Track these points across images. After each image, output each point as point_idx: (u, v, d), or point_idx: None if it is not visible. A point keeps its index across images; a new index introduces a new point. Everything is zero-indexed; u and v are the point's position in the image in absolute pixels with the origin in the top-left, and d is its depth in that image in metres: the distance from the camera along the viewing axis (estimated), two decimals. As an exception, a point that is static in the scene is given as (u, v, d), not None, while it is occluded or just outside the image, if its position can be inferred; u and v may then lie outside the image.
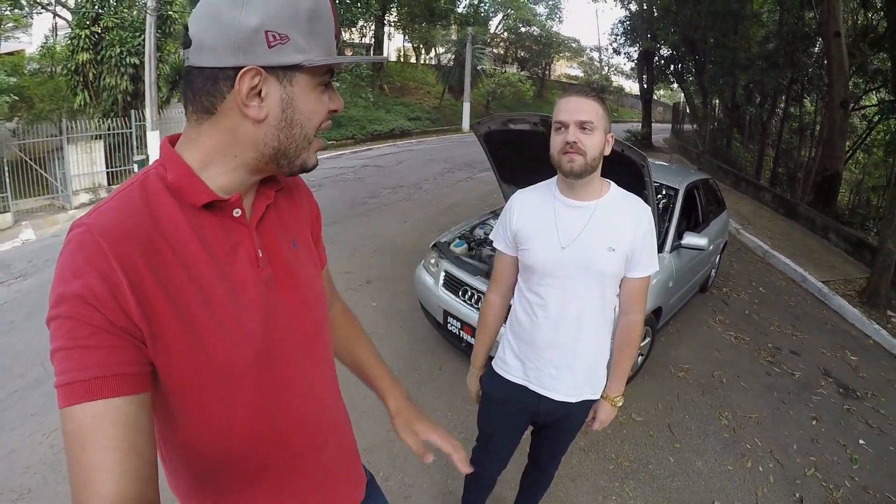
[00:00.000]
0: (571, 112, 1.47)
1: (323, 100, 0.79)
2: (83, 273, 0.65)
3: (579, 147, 1.46)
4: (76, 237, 0.67)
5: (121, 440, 0.63)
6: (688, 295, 4.67)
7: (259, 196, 0.86)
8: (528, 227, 1.63)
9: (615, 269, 1.57)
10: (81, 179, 10.41)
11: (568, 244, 1.55)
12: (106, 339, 0.65)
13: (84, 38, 11.28)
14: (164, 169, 0.76)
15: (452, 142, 17.22)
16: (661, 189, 4.35)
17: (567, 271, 1.57)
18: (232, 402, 0.79)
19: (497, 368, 1.80)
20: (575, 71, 37.97)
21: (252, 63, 0.70)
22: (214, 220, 0.78)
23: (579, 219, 1.56)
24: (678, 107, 23.02)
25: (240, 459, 0.84)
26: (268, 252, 0.84)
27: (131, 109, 11.40)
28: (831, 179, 10.01)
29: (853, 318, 5.76)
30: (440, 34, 23.11)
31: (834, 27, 9.33)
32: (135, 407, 0.66)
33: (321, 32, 0.75)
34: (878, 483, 3.15)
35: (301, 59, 0.73)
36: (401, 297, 4.67)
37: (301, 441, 0.91)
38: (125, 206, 0.71)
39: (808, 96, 13.63)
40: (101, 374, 0.64)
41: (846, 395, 4.12)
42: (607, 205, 1.57)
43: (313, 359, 0.93)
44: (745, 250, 7.82)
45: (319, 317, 0.96)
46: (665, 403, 3.61)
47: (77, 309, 0.64)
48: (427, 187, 9.55)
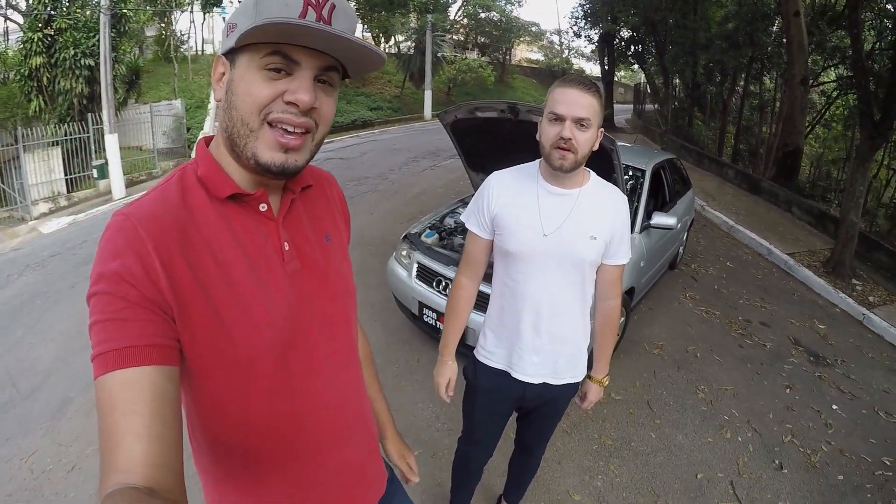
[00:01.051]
0: (570, 106, 1.42)
1: (266, 84, 0.74)
2: (121, 254, 0.69)
3: (573, 145, 1.43)
4: (116, 223, 0.72)
5: (148, 405, 0.65)
6: (658, 273, 4.74)
7: (285, 192, 0.89)
8: (510, 211, 1.59)
9: (595, 258, 1.57)
10: (40, 188, 10.03)
11: (551, 232, 1.54)
12: (140, 313, 0.69)
13: (37, 41, 10.93)
14: (196, 165, 0.82)
15: (415, 130, 17.11)
16: (628, 170, 4.39)
17: (548, 258, 1.56)
18: (251, 386, 0.82)
19: (480, 357, 1.79)
20: (536, 55, 38.02)
21: (220, 52, 0.79)
22: (243, 213, 0.82)
23: (562, 207, 1.55)
24: (639, 87, 23.29)
25: (258, 445, 0.86)
26: (294, 245, 0.87)
27: (88, 113, 11.04)
28: (792, 154, 10.24)
29: (819, 288, 5.93)
30: (399, 22, 22.87)
31: (794, 6, 9.51)
32: (164, 377, 0.68)
33: (264, 12, 0.72)
34: (853, 446, 3.25)
35: (235, 39, 0.73)
36: (373, 290, 4.63)
37: (323, 432, 0.93)
38: (162, 197, 0.77)
39: (768, 74, 13.87)
40: (133, 343, 0.67)
41: (817, 362, 4.24)
42: (589, 193, 1.57)
43: (338, 352, 0.95)
44: (710, 226, 7.97)
45: (347, 310, 0.98)
46: (642, 381, 3.66)
47: (114, 285, 0.68)
48: (392, 178, 9.47)
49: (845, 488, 2.89)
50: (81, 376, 3.64)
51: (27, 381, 3.67)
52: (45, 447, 2.99)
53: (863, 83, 6.41)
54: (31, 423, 3.22)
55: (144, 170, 12.25)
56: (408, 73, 22.41)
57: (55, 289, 5.34)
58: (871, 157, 6.54)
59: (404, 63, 22.43)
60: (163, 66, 19.68)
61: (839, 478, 2.96)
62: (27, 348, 4.14)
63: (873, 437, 3.38)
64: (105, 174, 10.51)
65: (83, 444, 2.98)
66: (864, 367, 4.29)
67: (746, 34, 11.79)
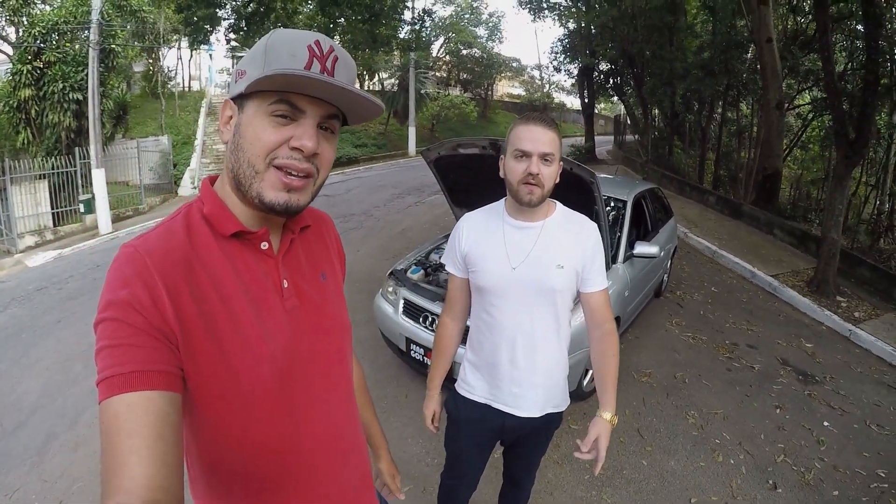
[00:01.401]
0: (535, 143, 1.49)
1: (274, 128, 0.79)
2: (130, 283, 0.73)
3: (540, 179, 1.49)
4: (125, 254, 0.76)
5: (151, 428, 0.67)
6: (644, 301, 4.79)
7: (285, 231, 0.94)
8: (478, 249, 1.65)
9: (565, 286, 1.60)
10: (26, 221, 10.01)
11: (518, 264, 1.59)
12: (146, 340, 0.72)
13: (26, 73, 11.03)
14: (202, 203, 0.86)
15: (400, 167, 17.34)
16: (609, 202, 4.46)
17: (519, 290, 1.60)
18: (250, 416, 0.84)
19: (460, 390, 1.81)
20: (517, 90, 38.92)
21: (228, 97, 0.83)
22: (245, 250, 0.86)
23: (527, 239, 1.60)
24: (619, 119, 23.65)
25: (256, 474, 0.88)
26: (293, 282, 0.91)
27: (75, 147, 11.07)
28: (772, 178, 10.46)
29: (805, 307, 6.00)
30: (383, 60, 23.30)
31: (766, 34, 9.83)
32: (166, 402, 0.70)
33: (274, 61, 0.78)
34: (846, 461, 3.27)
35: (243, 86, 0.78)
36: (361, 326, 4.62)
37: (319, 462, 0.95)
38: (168, 233, 0.81)
39: (744, 100, 14.19)
40: (138, 368, 0.69)
41: (806, 381, 4.27)
42: (554, 224, 1.62)
43: (334, 385, 0.99)
44: (694, 253, 8.07)
45: (343, 345, 1.02)
46: (632, 409, 3.67)
47: (123, 312, 0.71)
48: (378, 214, 9.55)
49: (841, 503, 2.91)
50: (67, 412, 3.59)
51: (12, 417, 3.61)
52: (31, 483, 2.94)
53: (836, 104, 6.58)
54: (16, 458, 3.16)
55: (131, 205, 12.24)
56: (392, 109, 22.78)
57: (41, 323, 5.28)
58: (848, 175, 6.68)
59: (388, 100, 22.76)
60: (150, 102, 19.79)
61: (834, 493, 2.98)
62: (12, 383, 4.08)
63: (866, 450, 3.40)
64: (92, 209, 10.49)
65: (69, 480, 2.93)
66: (853, 382, 4.34)
67: (721, 62, 12.09)
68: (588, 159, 19.05)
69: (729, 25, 13.02)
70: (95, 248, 9.13)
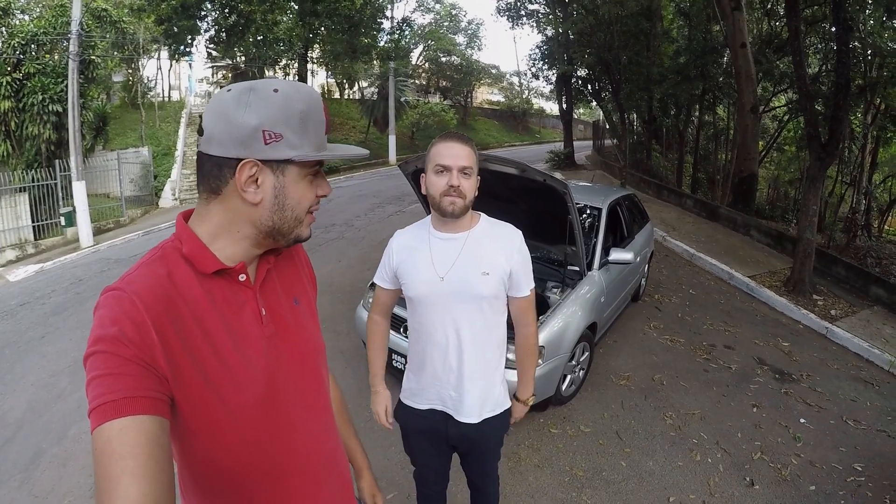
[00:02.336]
0: (455, 158, 1.61)
1: (312, 187, 0.93)
2: (120, 321, 0.77)
3: (461, 191, 1.60)
4: (113, 296, 0.80)
5: (143, 449, 0.71)
6: (621, 306, 4.86)
7: (261, 262, 0.99)
8: (407, 262, 1.75)
9: (491, 292, 1.68)
10: (7, 235, 9.91)
11: (445, 273, 1.67)
12: (135, 369, 0.76)
13: (5, 84, 10.89)
14: (179, 242, 0.89)
15: (381, 175, 17.34)
16: (585, 209, 4.53)
17: (447, 298, 1.68)
18: (238, 439, 0.90)
19: (405, 400, 1.90)
20: (496, 96, 39.13)
21: (250, 156, 0.84)
22: (223, 285, 0.91)
23: (452, 250, 1.69)
24: (598, 124, 23.83)
25: (243, 495, 0.94)
26: (270, 311, 0.97)
27: (55, 159, 10.96)
28: (748, 180, 10.67)
29: (781, 306, 6.14)
30: (363, 69, 23.37)
31: (740, 39, 10.05)
32: (157, 426, 0.75)
33: (312, 130, 0.88)
34: (823, 456, 3.37)
35: (292, 155, 0.86)
36: (342, 337, 4.65)
37: (301, 479, 1.01)
38: (150, 273, 0.85)
39: (721, 104, 14.47)
40: (129, 395, 0.73)
41: (783, 379, 4.38)
42: (478, 234, 1.71)
43: (313, 404, 1.05)
44: (672, 256, 8.17)
45: (318, 367, 1.08)
46: (610, 412, 3.73)
47: (112, 346, 0.75)
48: (358, 224, 9.59)
49: (818, 497, 3.00)
50: (54, 428, 3.57)
51: (-1, 433, 3.59)
52: (21, 499, 2.93)
53: (808, 107, 6.75)
54: (5, 474, 3.15)
55: (112, 217, 12.14)
56: (371, 118, 22.80)
57: (25, 339, 5.23)
58: (822, 176, 6.83)
59: (368, 109, 22.84)
60: (130, 113, 19.62)
61: (811, 488, 3.06)
62: (-2, 399, 4.05)
63: (843, 445, 3.50)
64: (73, 222, 10.39)
65: (59, 495, 2.93)
66: (829, 379, 4.45)
67: (697, 67, 12.31)
68: (567, 165, 19.23)
69: (704, 31, 13.28)
70: (77, 261, 9.03)
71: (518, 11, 20.25)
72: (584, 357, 3.85)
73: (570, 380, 3.74)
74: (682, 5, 14.57)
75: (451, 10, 31.13)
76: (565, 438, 3.39)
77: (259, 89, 0.84)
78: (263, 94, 0.84)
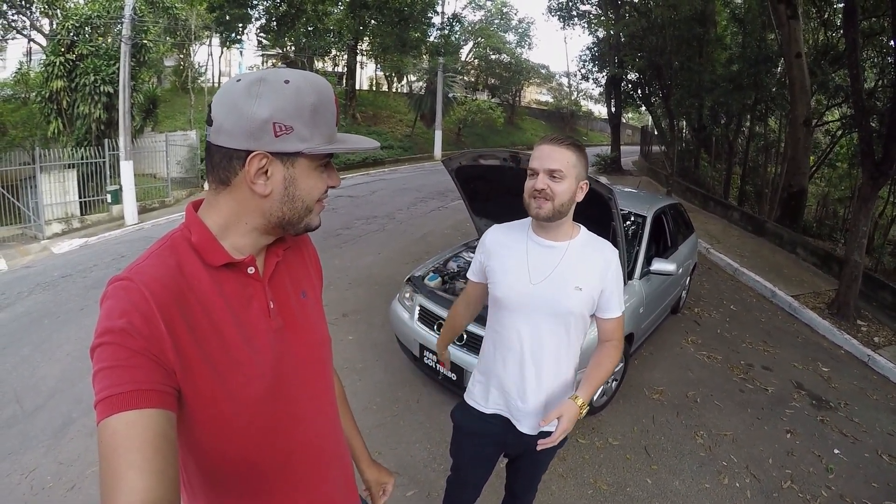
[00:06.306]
0: (542, 160, 1.56)
1: (322, 178, 0.92)
2: (128, 313, 0.76)
3: (547, 193, 1.54)
4: (122, 286, 0.79)
5: (149, 443, 0.70)
6: (659, 318, 4.75)
7: (269, 255, 0.99)
8: (500, 263, 1.70)
9: (581, 309, 1.62)
10: (54, 209, 10.31)
11: (538, 281, 1.62)
12: (143, 362, 0.75)
13: (58, 65, 11.27)
14: (188, 231, 0.89)
15: (425, 170, 17.32)
16: (629, 216, 4.45)
17: (535, 308, 1.63)
18: (244, 431, 0.90)
19: (468, 400, 1.86)
20: (545, 96, 38.71)
21: (260, 148, 0.83)
22: (232, 277, 0.91)
23: (551, 258, 1.64)
24: (646, 129, 23.36)
25: (249, 486, 0.95)
26: (278, 303, 0.97)
27: (105, 138, 11.34)
28: (797, 195, 10.29)
29: (824, 329, 5.92)
30: (411, 63, 23.40)
31: (795, 48, 9.68)
32: (164, 420, 0.74)
33: (322, 123, 0.87)
34: (854, 490, 3.23)
35: (302, 148, 0.85)
36: (377, 329, 4.67)
37: (305, 471, 1.02)
38: (160, 263, 0.84)
39: (772, 115, 14.00)
40: (136, 388, 0.73)
41: (819, 406, 4.21)
42: (577, 246, 1.65)
43: (318, 397, 1.06)
44: (715, 269, 7.97)
45: (324, 359, 1.09)
46: (641, 426, 3.65)
47: (120, 337, 0.75)
48: (400, 217, 9.60)
49: (845, 534, 2.87)
50: (85, 398, 3.68)
51: (31, 399, 3.73)
52: (46, 465, 3.03)
53: (864, 123, 6.47)
54: (33, 440, 3.27)
55: (157, 197, 12.48)
56: (419, 112, 22.78)
57: (64, 310, 5.43)
58: (874, 196, 6.54)
59: (415, 103, 22.84)
60: (179, 97, 20.10)
61: (839, 523, 2.93)
62: (33, 366, 4.21)
63: (875, 480, 3.35)
64: (119, 199, 10.75)
65: (84, 464, 3.02)
66: (867, 410, 4.27)
67: (750, 76, 11.94)
68: (613, 169, 18.96)
69: (759, 39, 12.85)
70: (121, 238, 9.33)
71: (569, 12, 19.95)
72: (618, 368, 3.75)
73: (603, 390, 3.67)
74: (737, 11, 14.11)
75: (502, 7, 30.90)
76: (592, 450, 3.33)
77: (270, 80, 0.83)
78: (274, 86, 0.82)
